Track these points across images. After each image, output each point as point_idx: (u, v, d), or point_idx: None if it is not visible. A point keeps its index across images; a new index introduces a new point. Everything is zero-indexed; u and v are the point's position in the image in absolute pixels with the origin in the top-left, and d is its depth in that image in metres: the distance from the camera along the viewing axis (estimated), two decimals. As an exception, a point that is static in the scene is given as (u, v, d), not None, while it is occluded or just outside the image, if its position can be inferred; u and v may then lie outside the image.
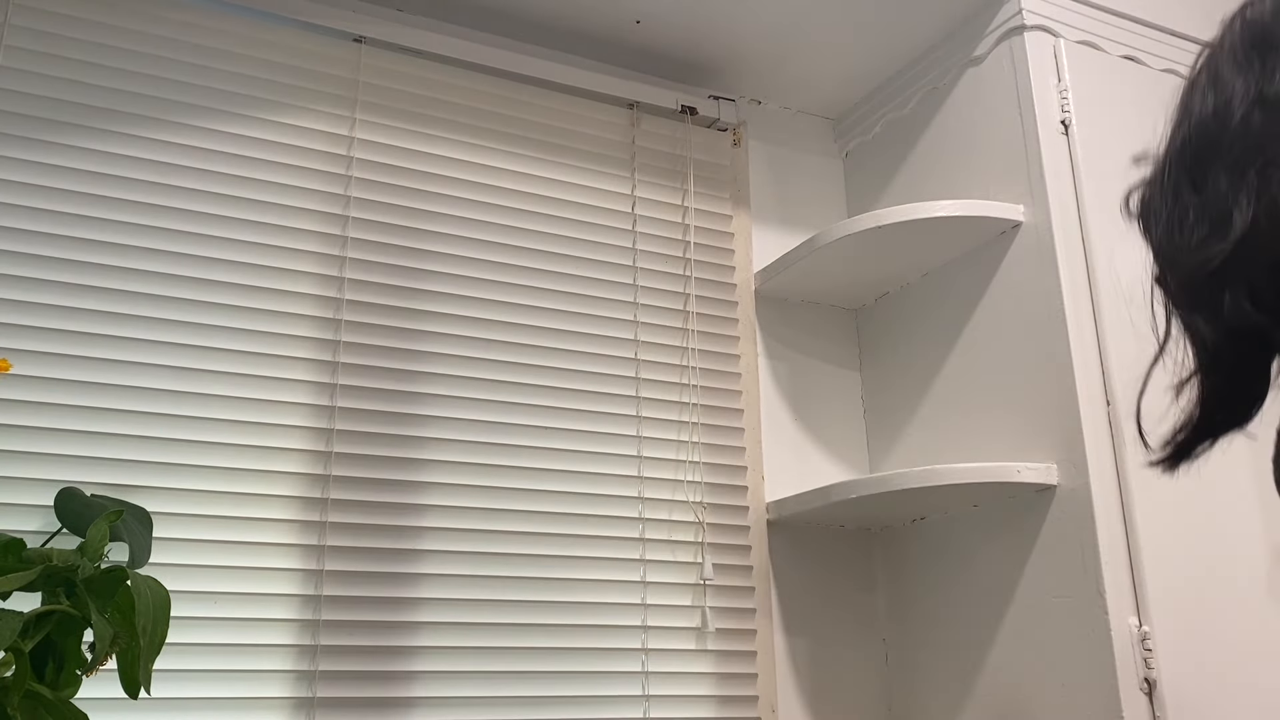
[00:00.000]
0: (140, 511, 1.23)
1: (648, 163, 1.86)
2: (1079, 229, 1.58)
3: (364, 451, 1.51)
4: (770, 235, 1.94)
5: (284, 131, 1.59)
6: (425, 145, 1.68)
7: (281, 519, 1.44)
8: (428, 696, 1.45)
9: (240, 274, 1.51)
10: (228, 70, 1.58)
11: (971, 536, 1.63)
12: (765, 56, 1.90)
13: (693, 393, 1.77)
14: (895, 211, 1.66)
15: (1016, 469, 1.49)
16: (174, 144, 1.52)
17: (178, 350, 1.44)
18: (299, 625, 1.41)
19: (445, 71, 1.73)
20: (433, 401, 1.58)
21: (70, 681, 1.02)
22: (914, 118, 1.89)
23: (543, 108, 1.79)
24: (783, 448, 1.82)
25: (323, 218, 1.58)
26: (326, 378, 1.52)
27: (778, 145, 2.02)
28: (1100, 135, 1.64)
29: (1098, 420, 1.48)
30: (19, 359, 1.35)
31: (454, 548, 1.53)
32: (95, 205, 1.45)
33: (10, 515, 1.30)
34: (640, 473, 1.68)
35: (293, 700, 1.38)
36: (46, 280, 1.40)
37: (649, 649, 1.60)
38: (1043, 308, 1.55)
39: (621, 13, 1.77)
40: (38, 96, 1.45)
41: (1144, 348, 1.55)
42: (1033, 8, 1.67)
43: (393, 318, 1.59)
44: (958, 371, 1.70)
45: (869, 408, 1.91)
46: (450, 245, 1.65)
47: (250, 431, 1.45)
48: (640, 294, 1.78)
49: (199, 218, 1.50)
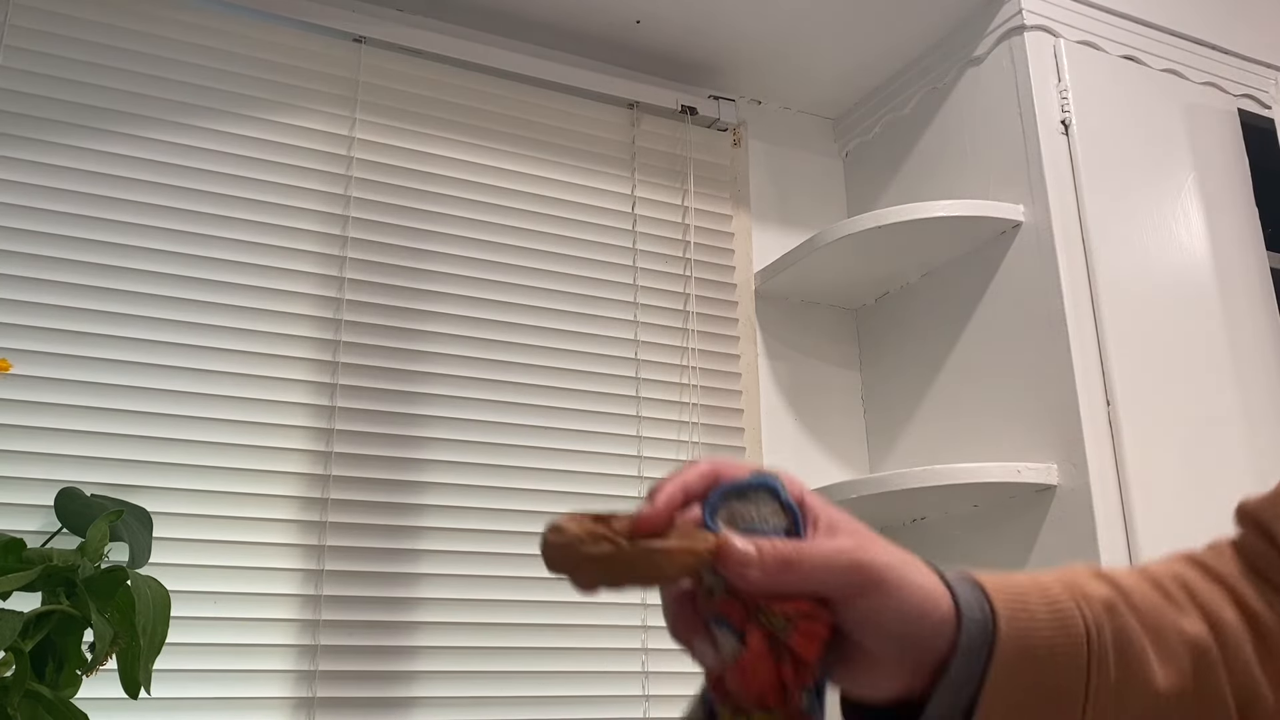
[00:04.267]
0: (140, 511, 1.23)
1: (648, 163, 1.86)
2: (1079, 229, 1.58)
3: (364, 451, 1.51)
4: (770, 235, 1.94)
5: (284, 131, 1.59)
6: (425, 145, 1.68)
7: (281, 519, 1.44)
8: (428, 696, 1.45)
9: (240, 274, 1.50)
10: (228, 70, 1.58)
11: (971, 536, 1.63)
12: (765, 56, 1.90)
13: (693, 393, 1.77)
14: (895, 211, 1.66)
15: (1016, 469, 1.49)
16: (174, 144, 1.51)
17: (178, 350, 1.44)
18: (299, 625, 1.41)
19: (445, 71, 1.73)
20: (433, 401, 1.58)
21: (70, 681, 1.02)
22: (914, 118, 1.89)
23: (543, 108, 1.79)
24: (783, 448, 1.82)
25: (323, 218, 1.58)
26: (326, 378, 1.52)
27: (778, 145, 2.02)
28: (1100, 135, 1.64)
29: (1098, 420, 1.48)
30: (19, 359, 1.34)
31: (454, 548, 1.53)
32: (95, 205, 1.45)
33: (10, 515, 1.30)
34: (640, 472, 1.68)
35: (293, 700, 1.38)
36: (46, 280, 1.40)
37: (649, 649, 1.60)
38: (1043, 308, 1.55)
39: (621, 13, 1.77)
40: (38, 96, 1.45)
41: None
42: (1033, 8, 1.67)
43: (393, 318, 1.59)
44: (958, 371, 1.70)
45: (869, 408, 1.91)
46: (450, 245, 1.65)
47: (250, 431, 1.45)
48: (640, 294, 1.77)
49: (199, 218, 1.50)
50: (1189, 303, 1.63)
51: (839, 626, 0.46)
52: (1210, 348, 1.62)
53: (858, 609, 0.45)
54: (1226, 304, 1.67)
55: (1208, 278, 1.67)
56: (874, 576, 0.45)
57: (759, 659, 0.44)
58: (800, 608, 0.45)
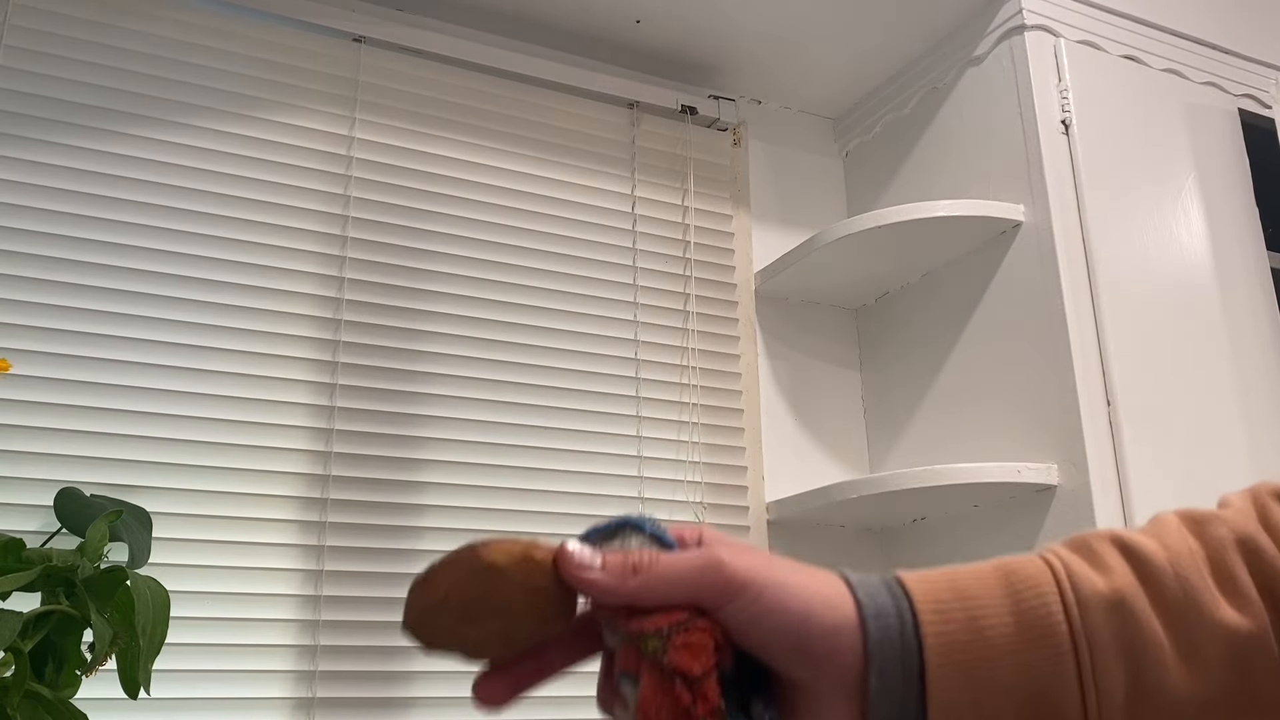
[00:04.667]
0: (140, 511, 1.23)
1: (648, 163, 1.86)
2: (1079, 229, 1.58)
3: (364, 451, 1.51)
4: (770, 235, 1.94)
5: (284, 131, 1.59)
6: (425, 145, 1.68)
7: (281, 519, 1.44)
8: (428, 697, 1.45)
9: (240, 274, 1.50)
10: (227, 70, 1.58)
11: (971, 536, 1.63)
12: (765, 56, 1.90)
13: (693, 393, 1.77)
14: (895, 211, 1.66)
15: (1016, 469, 1.49)
16: (174, 144, 1.51)
17: (178, 350, 1.44)
18: (299, 625, 1.41)
19: (445, 71, 1.73)
20: (433, 401, 1.58)
21: (70, 681, 1.02)
22: (914, 117, 1.89)
23: (543, 108, 1.79)
24: (783, 448, 1.82)
25: (323, 217, 1.58)
26: (326, 378, 1.52)
27: (778, 145, 2.02)
28: (1100, 135, 1.64)
29: (1098, 420, 1.48)
30: (19, 359, 1.34)
31: (454, 547, 1.52)
32: (95, 205, 1.45)
33: (10, 515, 1.30)
34: (640, 473, 1.68)
35: (293, 700, 1.38)
36: (46, 280, 1.40)
37: (649, 649, 1.60)
38: (1043, 308, 1.55)
39: (621, 13, 1.77)
40: (38, 96, 1.45)
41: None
42: (1033, 7, 1.67)
43: (393, 318, 1.58)
44: (958, 371, 1.70)
45: (869, 408, 1.91)
46: (450, 245, 1.65)
47: (250, 431, 1.45)
48: (640, 294, 1.77)
49: (199, 218, 1.50)
50: (1189, 303, 1.63)
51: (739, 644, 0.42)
52: (1210, 348, 1.62)
53: (731, 615, 0.41)
54: (1226, 304, 1.67)
55: (1208, 278, 1.67)
56: (735, 577, 0.41)
57: (653, 692, 0.41)
58: (674, 619, 0.42)
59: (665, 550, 0.44)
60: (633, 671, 0.42)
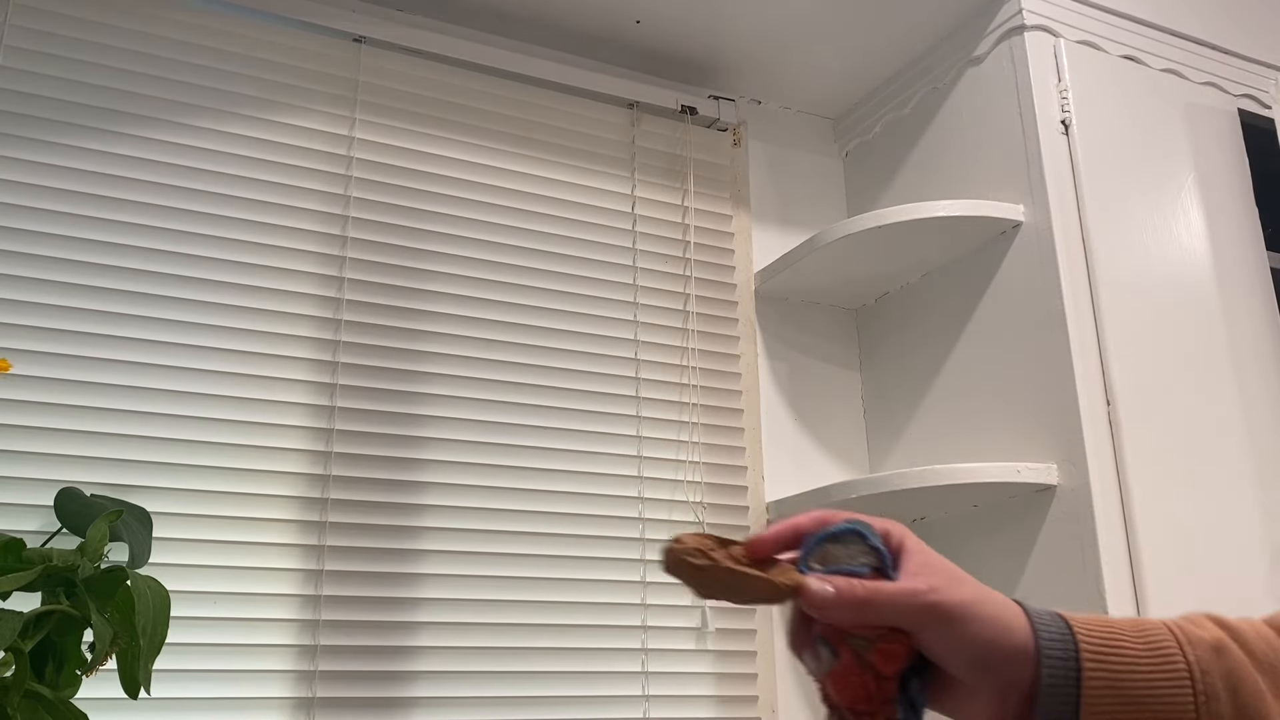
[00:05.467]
0: (140, 511, 1.23)
1: (648, 163, 1.86)
2: (1079, 229, 1.58)
3: (364, 451, 1.51)
4: (770, 235, 1.94)
5: (284, 131, 1.59)
6: (425, 145, 1.68)
7: (281, 519, 1.44)
8: (428, 696, 1.45)
9: (240, 274, 1.51)
10: (228, 70, 1.58)
11: (971, 536, 1.63)
12: (765, 56, 1.90)
13: (693, 393, 1.77)
14: (895, 211, 1.66)
15: (1016, 469, 1.49)
16: (174, 144, 1.52)
17: (178, 350, 1.44)
18: (299, 625, 1.41)
19: (445, 71, 1.73)
20: (433, 401, 1.58)
21: (70, 681, 1.02)
22: (914, 118, 1.89)
23: (543, 108, 1.79)
24: (783, 448, 1.82)
25: (323, 218, 1.58)
26: (326, 378, 1.52)
27: (778, 145, 2.02)
28: (1100, 135, 1.64)
29: (1098, 420, 1.48)
30: (19, 359, 1.35)
31: (454, 548, 1.53)
32: (95, 205, 1.45)
33: (10, 515, 1.30)
34: (640, 473, 1.68)
35: (293, 700, 1.38)
36: (46, 280, 1.40)
37: (649, 649, 1.60)
38: (1043, 308, 1.55)
39: (621, 13, 1.77)
40: (38, 96, 1.45)
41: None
42: (1033, 8, 1.67)
43: (393, 318, 1.59)
44: (958, 372, 1.70)
45: (869, 408, 1.91)
46: (450, 245, 1.65)
47: (250, 431, 1.45)
48: (640, 294, 1.77)
49: (199, 218, 1.50)
50: (1189, 303, 1.63)
51: (926, 654, 0.53)
52: (1210, 348, 1.62)
53: (929, 638, 0.52)
54: (1226, 304, 1.67)
55: (1208, 278, 1.67)
56: (941, 614, 0.52)
57: (848, 670, 0.53)
58: (880, 631, 0.53)
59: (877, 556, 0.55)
60: (832, 643, 0.54)
